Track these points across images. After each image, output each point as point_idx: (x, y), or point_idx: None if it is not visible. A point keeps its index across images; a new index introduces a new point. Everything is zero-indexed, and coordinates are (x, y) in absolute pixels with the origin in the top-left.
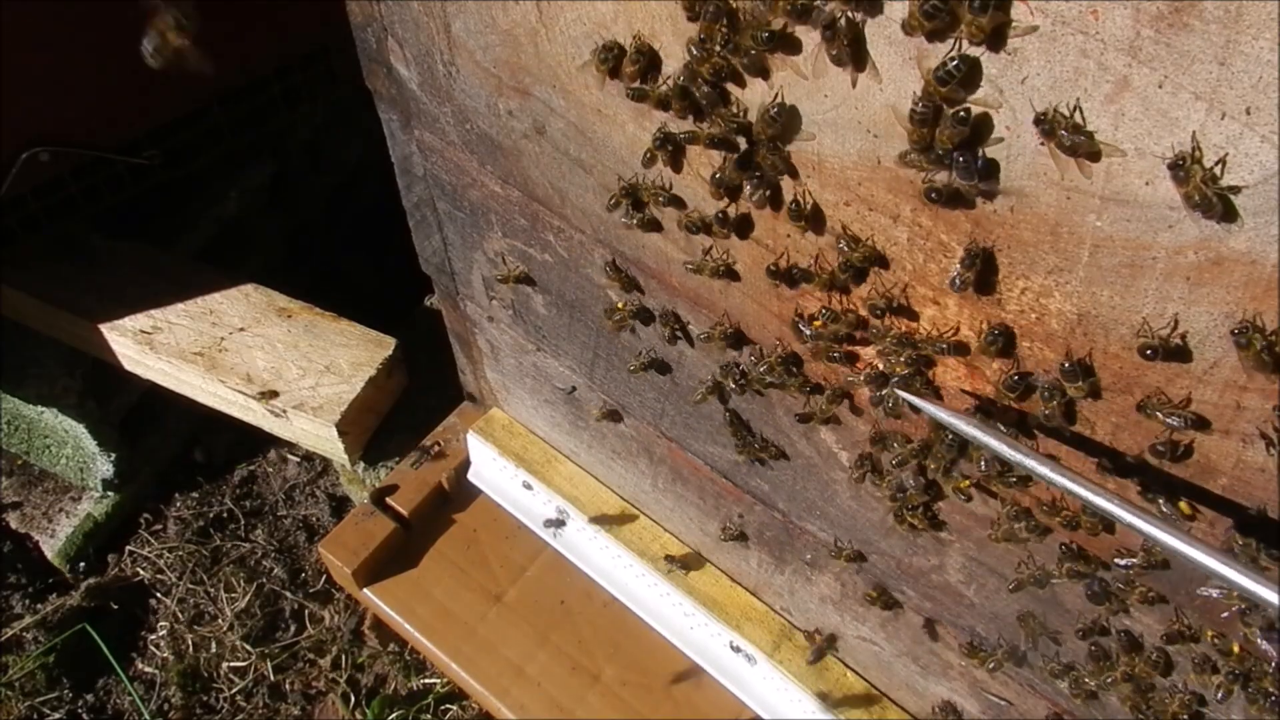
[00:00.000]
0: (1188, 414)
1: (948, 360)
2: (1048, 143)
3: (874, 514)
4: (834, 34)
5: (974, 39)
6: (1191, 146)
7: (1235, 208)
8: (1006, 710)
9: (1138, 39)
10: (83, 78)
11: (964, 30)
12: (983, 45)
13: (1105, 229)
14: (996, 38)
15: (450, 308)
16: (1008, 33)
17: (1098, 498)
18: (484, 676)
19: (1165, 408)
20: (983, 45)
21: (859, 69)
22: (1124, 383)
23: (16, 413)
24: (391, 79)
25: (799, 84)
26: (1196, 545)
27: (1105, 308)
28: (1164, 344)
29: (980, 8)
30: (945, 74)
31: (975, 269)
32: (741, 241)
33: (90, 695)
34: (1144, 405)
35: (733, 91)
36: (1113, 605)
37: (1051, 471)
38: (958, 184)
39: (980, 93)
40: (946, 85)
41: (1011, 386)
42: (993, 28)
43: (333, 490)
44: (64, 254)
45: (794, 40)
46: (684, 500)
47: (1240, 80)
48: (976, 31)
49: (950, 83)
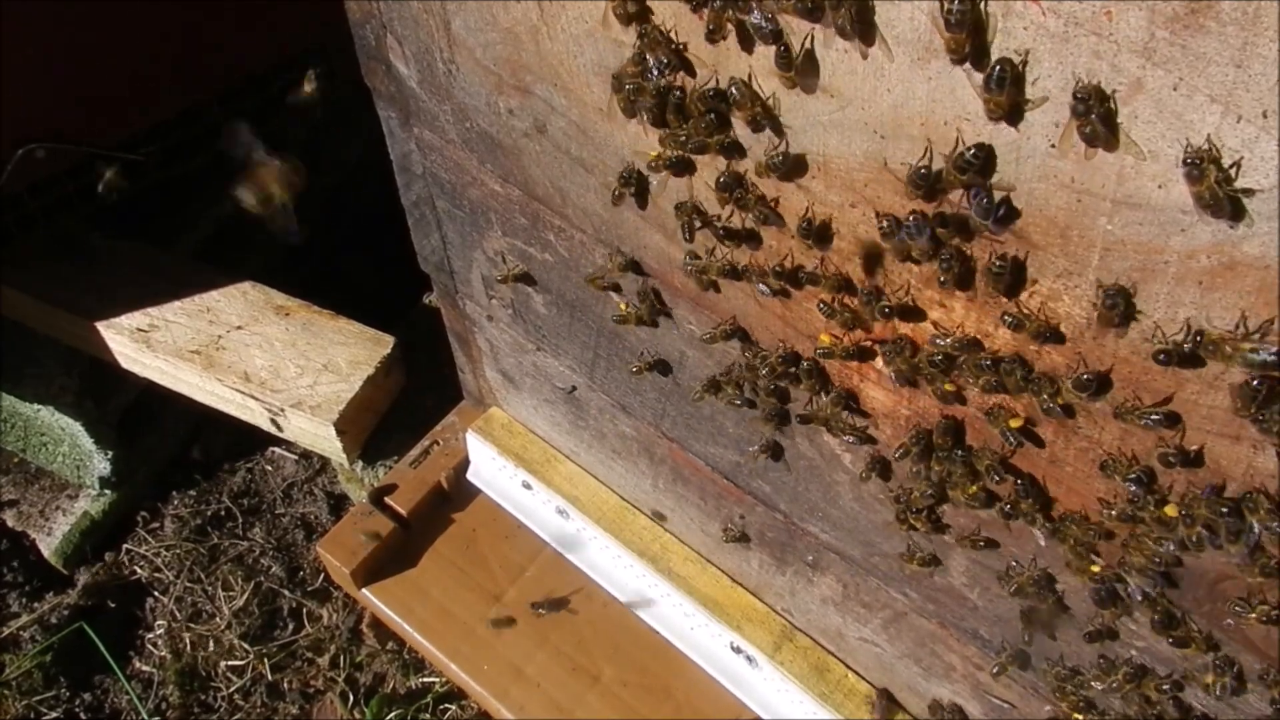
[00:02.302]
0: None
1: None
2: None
3: (876, 516)
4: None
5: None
6: (1208, 145)
7: (1244, 207)
8: (1009, 713)
9: (1152, 40)
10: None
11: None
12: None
13: (1116, 232)
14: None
15: (449, 306)
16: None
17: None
18: (483, 676)
19: (1138, 411)
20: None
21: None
22: (1134, 387)
23: (14, 411)
24: (390, 77)
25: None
26: None
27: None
28: (1178, 349)
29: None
30: (965, 163)
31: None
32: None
33: (87, 694)
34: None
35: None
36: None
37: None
38: (970, 217)
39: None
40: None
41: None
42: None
43: (331, 489)
44: (62, 253)
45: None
46: (685, 501)
47: (1257, 83)
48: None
49: (969, 170)
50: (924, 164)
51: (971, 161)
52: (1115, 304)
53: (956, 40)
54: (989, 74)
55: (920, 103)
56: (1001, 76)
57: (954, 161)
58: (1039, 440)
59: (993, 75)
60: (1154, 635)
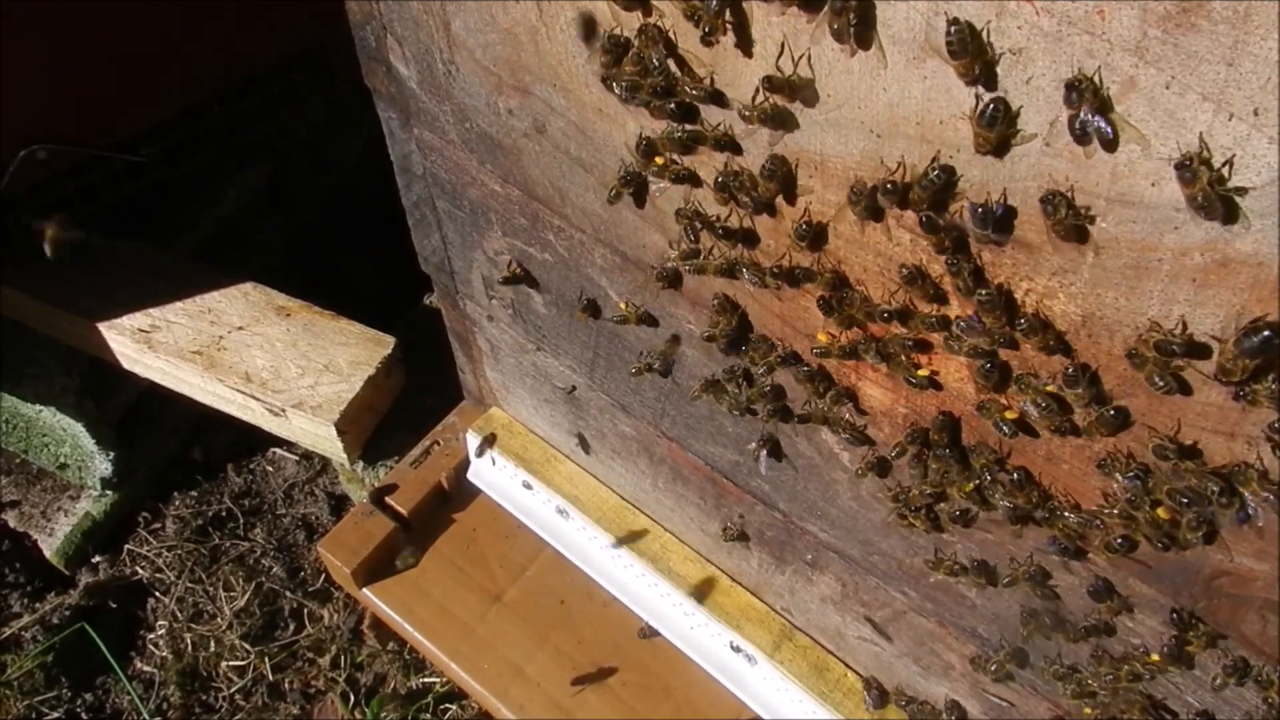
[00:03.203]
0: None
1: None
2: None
3: (875, 514)
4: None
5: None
6: (1200, 147)
7: (1237, 210)
8: (1008, 711)
9: (1145, 39)
10: (82, 77)
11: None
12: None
13: (1110, 230)
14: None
15: (450, 307)
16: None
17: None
18: (483, 676)
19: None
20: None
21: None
22: (1128, 385)
23: (15, 411)
24: (391, 77)
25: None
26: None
27: (1110, 310)
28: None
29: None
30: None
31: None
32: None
33: (89, 694)
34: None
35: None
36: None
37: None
38: (969, 229)
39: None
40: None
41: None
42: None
43: (332, 489)
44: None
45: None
46: (684, 500)
47: (1248, 81)
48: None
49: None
50: (890, 179)
51: (934, 181)
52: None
53: (964, 65)
54: (982, 111)
55: (916, 102)
56: (994, 116)
57: (919, 181)
58: (1034, 433)
59: (985, 113)
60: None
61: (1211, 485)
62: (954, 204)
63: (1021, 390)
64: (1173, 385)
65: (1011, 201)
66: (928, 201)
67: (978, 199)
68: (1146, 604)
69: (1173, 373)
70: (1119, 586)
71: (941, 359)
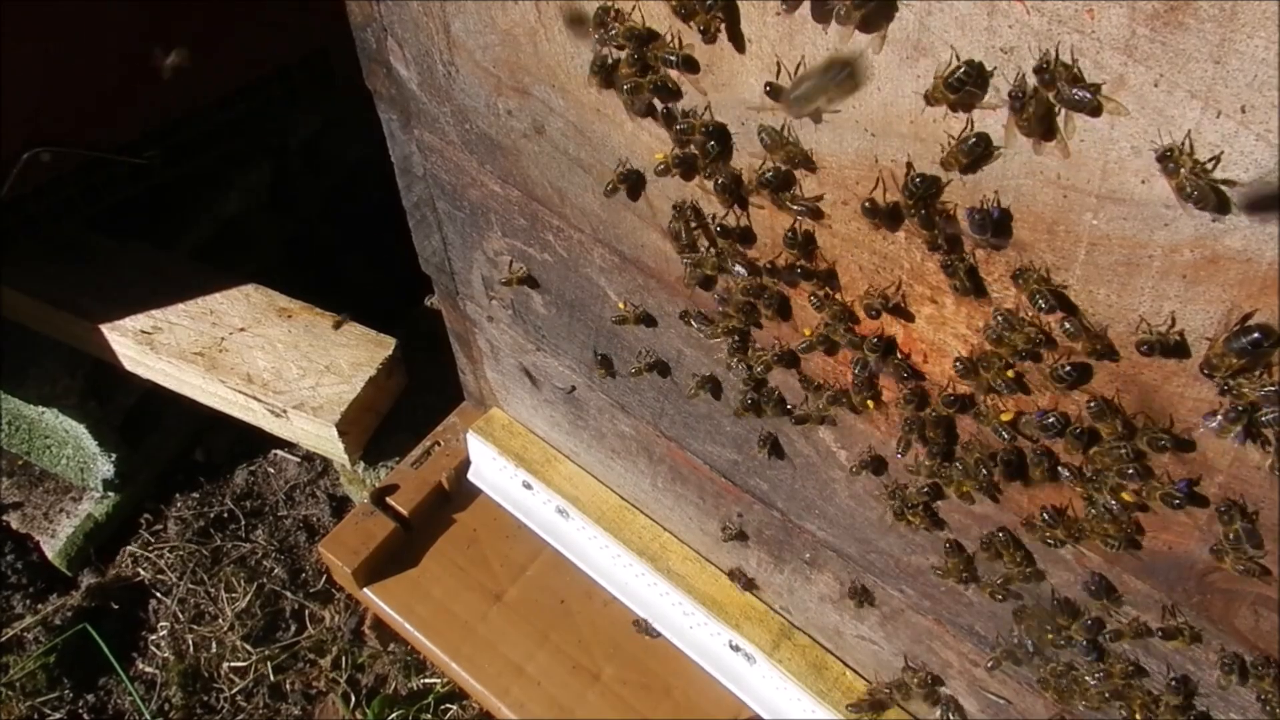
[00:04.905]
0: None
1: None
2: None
3: (872, 512)
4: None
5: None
6: (1183, 139)
7: (1229, 199)
8: (1005, 709)
9: (1133, 37)
10: (83, 78)
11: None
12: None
13: (1102, 227)
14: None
15: (450, 307)
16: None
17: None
18: (484, 676)
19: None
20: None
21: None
22: (1120, 380)
23: (17, 413)
24: (391, 79)
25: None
26: None
27: (1102, 305)
28: (1161, 340)
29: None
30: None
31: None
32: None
33: (91, 695)
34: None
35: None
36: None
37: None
38: (968, 235)
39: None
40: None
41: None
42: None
43: (333, 490)
44: (64, 254)
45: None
46: (683, 499)
47: (1235, 78)
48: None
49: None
50: (869, 197)
51: (916, 188)
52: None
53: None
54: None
55: (909, 100)
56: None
57: (903, 189)
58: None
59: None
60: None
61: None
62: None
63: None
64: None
65: (1004, 201)
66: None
67: (972, 203)
68: (1140, 600)
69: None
70: (1114, 582)
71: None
